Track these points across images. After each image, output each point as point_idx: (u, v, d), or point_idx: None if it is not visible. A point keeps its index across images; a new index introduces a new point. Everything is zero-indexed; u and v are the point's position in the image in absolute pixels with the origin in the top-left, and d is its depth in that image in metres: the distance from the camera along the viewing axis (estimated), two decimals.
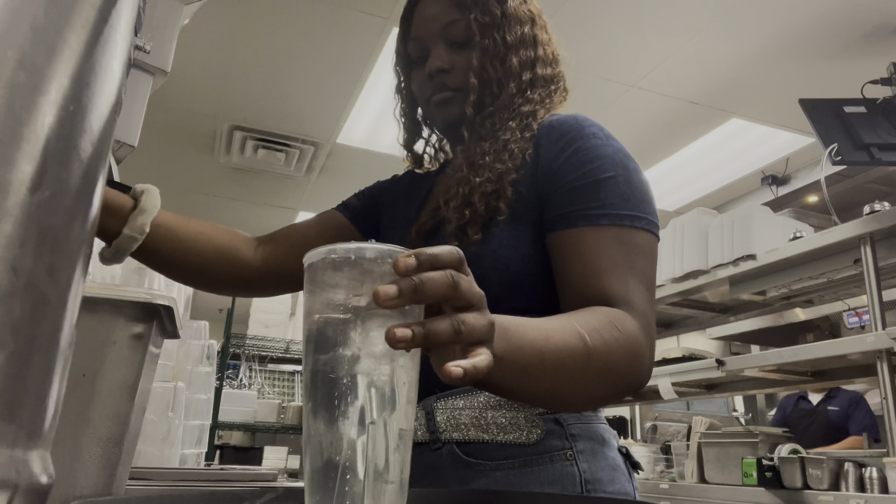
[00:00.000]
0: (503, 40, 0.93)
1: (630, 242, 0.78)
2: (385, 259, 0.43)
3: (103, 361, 0.50)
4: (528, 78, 0.94)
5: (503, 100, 0.92)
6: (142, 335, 0.52)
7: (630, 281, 0.76)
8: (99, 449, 0.49)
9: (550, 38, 0.99)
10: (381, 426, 0.42)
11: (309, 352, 0.44)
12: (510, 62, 0.92)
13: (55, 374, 0.26)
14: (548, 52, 0.97)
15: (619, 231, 0.78)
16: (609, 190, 0.80)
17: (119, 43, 0.29)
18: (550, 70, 0.97)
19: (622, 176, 0.81)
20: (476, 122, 0.93)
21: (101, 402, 0.50)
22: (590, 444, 0.81)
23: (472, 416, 0.81)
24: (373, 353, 0.43)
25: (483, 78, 0.92)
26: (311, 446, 0.43)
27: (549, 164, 0.84)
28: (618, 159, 0.83)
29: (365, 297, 0.43)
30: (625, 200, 0.80)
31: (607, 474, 0.80)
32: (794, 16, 3.01)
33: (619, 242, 0.78)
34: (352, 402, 0.42)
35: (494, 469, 0.78)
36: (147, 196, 0.89)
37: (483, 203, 0.84)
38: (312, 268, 0.45)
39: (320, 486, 0.41)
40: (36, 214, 0.23)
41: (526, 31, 0.94)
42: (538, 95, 0.93)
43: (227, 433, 4.39)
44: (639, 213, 0.80)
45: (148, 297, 0.51)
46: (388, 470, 0.42)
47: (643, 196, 0.82)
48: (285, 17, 3.11)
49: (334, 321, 0.43)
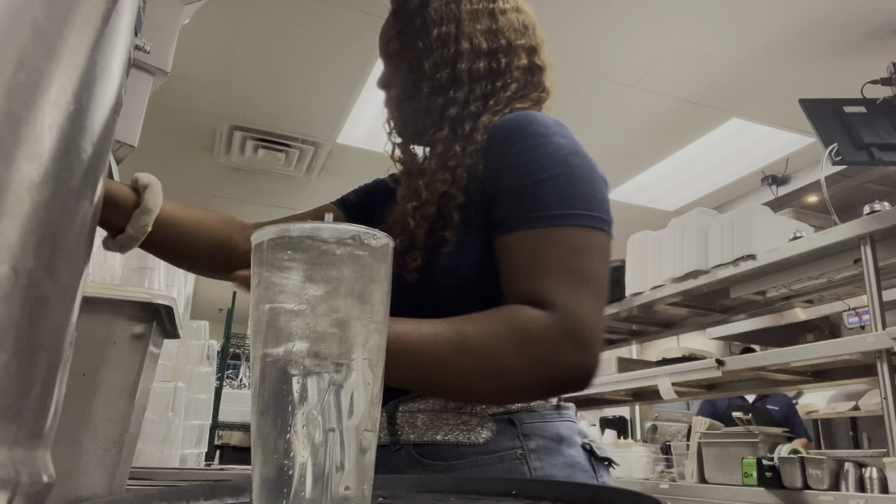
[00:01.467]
0: (422, 45, 0.93)
1: (565, 241, 0.77)
2: (345, 240, 0.39)
3: (103, 361, 0.50)
4: (447, 76, 0.91)
5: (420, 101, 0.93)
6: (142, 335, 0.52)
7: (553, 280, 0.75)
8: (99, 449, 0.49)
9: (499, 28, 0.93)
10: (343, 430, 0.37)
11: (258, 345, 0.39)
12: (424, 64, 0.93)
13: (55, 373, 0.26)
14: (479, 44, 0.91)
15: (555, 231, 0.78)
16: (546, 191, 0.79)
17: (119, 43, 0.29)
18: (486, 62, 0.91)
19: (562, 175, 0.80)
20: (401, 125, 0.96)
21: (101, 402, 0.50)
22: (544, 443, 0.82)
23: (427, 419, 0.83)
24: (332, 349, 0.38)
25: (404, 84, 0.95)
26: (262, 451, 0.38)
27: (493, 167, 0.84)
28: (559, 157, 0.81)
29: (322, 284, 0.38)
30: (562, 200, 0.79)
31: (562, 471, 0.81)
32: (794, 16, 3.01)
33: (551, 243, 0.77)
34: (308, 403, 0.37)
35: (447, 469, 0.80)
36: (150, 193, 0.89)
37: (424, 228, 0.84)
38: (261, 249, 0.39)
39: (272, 495, 0.37)
40: (36, 214, 0.23)
41: (445, 31, 0.92)
42: (465, 94, 0.90)
43: (227, 433, 4.39)
44: (578, 210, 0.78)
45: (148, 297, 0.51)
46: (350, 477, 0.37)
47: (585, 192, 0.80)
48: (285, 17, 3.11)
49: (287, 311, 0.38)
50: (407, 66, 0.95)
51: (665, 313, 3.41)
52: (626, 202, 4.95)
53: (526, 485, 0.51)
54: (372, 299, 0.40)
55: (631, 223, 4.54)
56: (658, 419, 4.13)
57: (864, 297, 2.36)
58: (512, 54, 0.93)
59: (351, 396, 0.38)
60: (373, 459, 0.40)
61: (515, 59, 0.93)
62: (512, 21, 0.95)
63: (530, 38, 0.96)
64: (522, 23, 0.96)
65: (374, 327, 0.40)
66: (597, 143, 4.12)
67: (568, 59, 3.26)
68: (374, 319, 0.40)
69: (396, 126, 0.98)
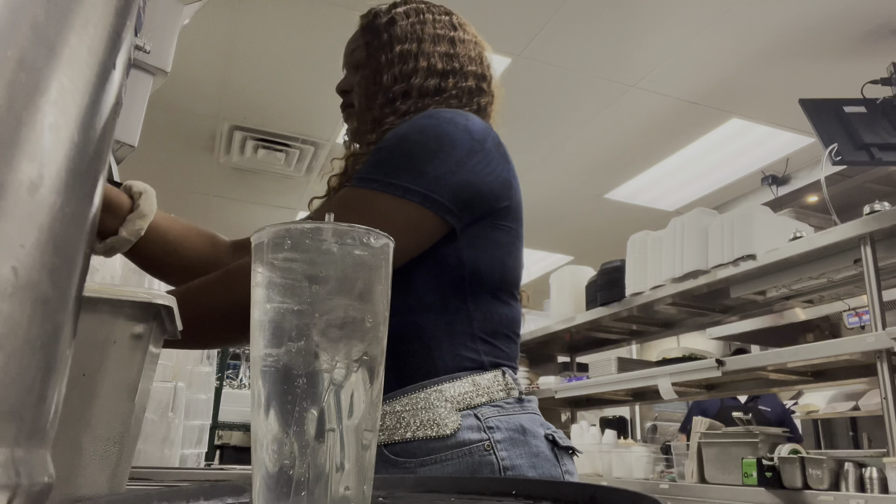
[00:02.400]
0: (384, 59, 1.01)
1: (344, 198, 0.85)
2: (345, 240, 0.39)
3: (103, 361, 0.50)
4: (400, 90, 0.98)
5: (374, 112, 1.00)
6: (142, 335, 0.52)
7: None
8: (99, 449, 0.49)
9: (456, 53, 1.01)
10: (342, 431, 0.37)
11: (258, 345, 0.39)
12: (384, 77, 1.00)
13: (55, 373, 0.26)
14: (435, 64, 0.99)
15: (350, 191, 0.86)
16: (371, 158, 0.87)
17: (119, 43, 0.29)
18: (436, 81, 0.99)
19: (389, 147, 0.87)
20: (358, 133, 1.05)
21: (101, 402, 0.50)
22: (509, 434, 0.85)
23: (394, 419, 0.86)
24: (332, 348, 0.38)
25: (366, 94, 1.02)
26: (262, 451, 0.38)
27: None
28: (402, 132, 0.88)
29: (322, 284, 0.38)
30: (375, 165, 0.86)
31: (527, 461, 0.85)
32: (794, 16, 3.01)
33: (339, 201, 0.86)
34: (308, 403, 0.37)
35: (419, 465, 0.83)
36: (145, 199, 0.91)
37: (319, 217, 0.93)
38: (261, 249, 0.39)
39: (272, 495, 0.37)
40: (36, 214, 0.23)
41: (407, 48, 1.00)
42: (409, 106, 0.98)
43: (227, 433, 4.39)
44: (378, 176, 0.85)
45: (148, 297, 0.51)
46: (350, 477, 0.37)
47: (401, 163, 0.85)
48: (285, 17, 3.11)
49: (287, 311, 0.38)
50: (370, 77, 1.02)
51: (665, 313, 3.41)
52: (626, 202, 4.95)
53: (526, 485, 0.51)
54: (372, 299, 0.40)
55: (631, 223, 4.54)
56: (658, 419, 4.13)
57: (864, 297, 2.36)
58: (460, 77, 1.01)
59: (351, 396, 0.38)
60: (373, 459, 0.39)
61: (462, 82, 1.01)
62: (468, 50, 1.03)
63: (483, 68, 1.04)
64: (479, 54, 1.04)
65: (374, 327, 0.40)
66: (597, 143, 4.12)
67: (568, 59, 3.26)
68: (374, 319, 0.40)
69: (350, 131, 1.08)
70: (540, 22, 3.06)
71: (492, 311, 0.91)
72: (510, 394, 0.89)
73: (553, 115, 3.73)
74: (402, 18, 1.02)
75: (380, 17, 1.04)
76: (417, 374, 0.86)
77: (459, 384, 0.86)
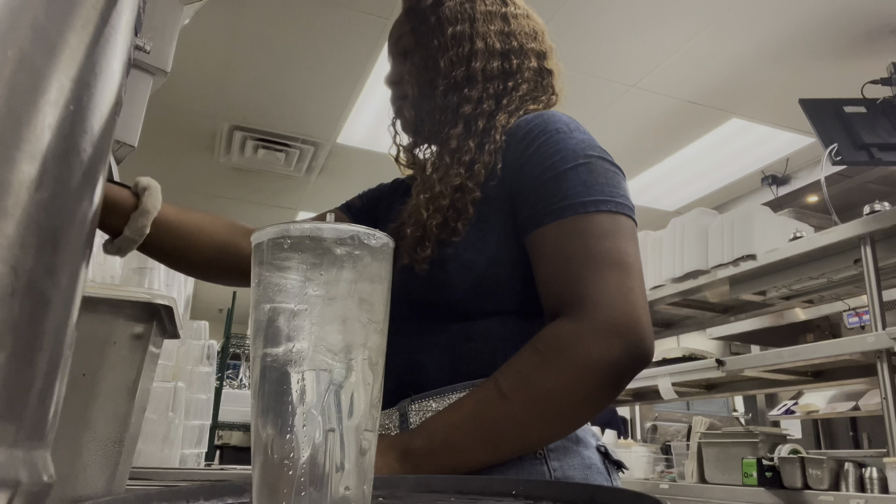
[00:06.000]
0: (436, 43, 0.94)
1: (590, 228, 0.77)
2: (344, 240, 0.38)
3: (103, 361, 0.50)
4: (462, 74, 0.92)
5: (436, 100, 0.93)
6: (142, 335, 0.52)
7: (579, 271, 0.75)
8: (99, 449, 0.49)
9: (511, 31, 0.95)
10: (342, 431, 0.37)
11: (258, 345, 0.39)
12: (439, 62, 0.93)
13: (55, 373, 0.26)
14: (493, 44, 0.93)
15: (580, 219, 0.78)
16: (570, 181, 0.79)
17: (119, 43, 0.29)
18: (499, 63, 0.93)
19: (584, 165, 0.81)
20: (417, 123, 0.97)
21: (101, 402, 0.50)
22: (562, 443, 0.81)
23: None
24: (332, 349, 0.38)
25: (419, 82, 0.95)
26: (262, 451, 0.37)
27: (514, 163, 0.84)
28: (579, 150, 0.82)
29: (322, 284, 0.38)
30: (587, 188, 0.79)
31: (580, 473, 0.80)
32: (795, 16, 3.01)
33: (577, 232, 0.77)
34: (308, 403, 0.37)
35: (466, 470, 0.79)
36: (149, 195, 0.89)
37: (436, 220, 0.84)
38: (261, 249, 0.40)
39: (272, 496, 0.37)
40: (36, 214, 0.23)
41: (460, 30, 0.94)
42: (480, 92, 0.92)
43: (227, 433, 4.39)
44: (602, 196, 0.79)
45: (148, 297, 0.51)
46: (350, 477, 0.37)
47: (608, 181, 0.81)
48: (285, 17, 3.11)
49: (287, 311, 0.38)
50: (421, 63, 0.95)
51: (665, 313, 3.41)
52: None
53: (526, 485, 0.51)
54: (372, 299, 0.40)
55: None
56: (658, 419, 4.13)
57: (864, 297, 2.36)
58: (523, 57, 0.95)
59: (351, 396, 0.38)
60: (373, 459, 0.39)
61: (526, 62, 0.95)
62: (523, 26, 0.97)
63: (540, 44, 0.98)
64: (532, 28, 0.98)
65: (374, 327, 0.40)
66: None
67: (568, 59, 3.23)
68: (374, 319, 0.40)
69: (408, 125, 0.99)
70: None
71: None
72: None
73: None
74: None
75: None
76: (472, 373, 0.81)
77: None
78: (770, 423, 4.23)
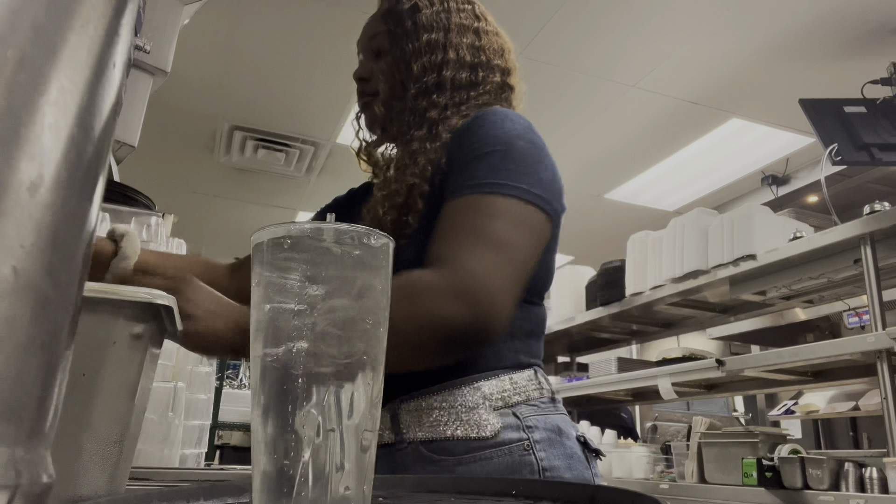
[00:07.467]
0: (410, 47, 0.99)
1: (481, 206, 0.82)
2: (344, 240, 0.39)
3: (103, 361, 0.50)
4: (433, 81, 0.97)
5: (407, 102, 0.98)
6: (142, 335, 0.52)
7: (454, 239, 0.80)
8: (99, 449, 0.49)
9: (482, 46, 1.00)
10: (342, 431, 0.37)
11: (258, 346, 0.39)
12: (412, 66, 0.98)
13: (55, 373, 0.26)
14: (464, 56, 0.99)
15: (476, 198, 0.82)
16: (482, 164, 0.84)
17: (119, 43, 0.29)
18: (467, 74, 0.98)
19: (500, 151, 0.85)
20: (386, 122, 1.02)
21: (101, 402, 0.50)
22: (546, 434, 0.85)
23: (434, 416, 0.85)
24: (332, 348, 0.38)
25: (390, 82, 1.00)
26: (262, 451, 0.37)
27: (452, 157, 0.90)
28: (502, 136, 0.86)
29: (322, 284, 0.38)
30: (493, 171, 0.84)
31: (564, 462, 0.85)
32: (794, 16, 3.01)
33: (467, 207, 0.82)
34: (308, 403, 0.37)
35: (457, 463, 0.83)
36: (127, 241, 0.91)
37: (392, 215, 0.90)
38: (261, 249, 0.40)
39: (272, 496, 0.37)
40: (36, 214, 0.23)
41: (434, 38, 0.98)
42: (447, 99, 0.97)
43: (227, 433, 4.39)
44: (505, 181, 0.83)
45: (148, 297, 0.51)
46: (350, 477, 0.37)
47: (521, 168, 0.85)
48: (285, 17, 3.11)
49: (287, 311, 0.38)
50: (394, 65, 1.00)
51: (665, 313, 3.41)
52: (626, 202, 4.95)
53: (526, 485, 0.51)
54: (372, 299, 0.40)
55: (631, 223, 4.54)
56: (658, 419, 4.13)
57: (864, 297, 2.36)
58: (489, 71, 1.00)
59: (351, 396, 0.38)
60: (373, 459, 0.39)
61: (491, 76, 1.00)
62: (493, 42, 1.02)
63: (506, 61, 1.03)
64: (501, 46, 1.03)
65: (374, 327, 0.40)
66: (597, 143, 4.12)
67: (568, 59, 3.27)
68: (374, 319, 0.40)
69: (376, 122, 1.04)
70: (540, 22, 3.05)
71: (529, 311, 0.92)
72: (543, 393, 0.90)
73: (553, 115, 3.72)
74: (426, 6, 1.00)
75: (402, 3, 1.01)
76: (456, 371, 0.85)
77: (497, 382, 0.87)
78: (770, 423, 4.23)
